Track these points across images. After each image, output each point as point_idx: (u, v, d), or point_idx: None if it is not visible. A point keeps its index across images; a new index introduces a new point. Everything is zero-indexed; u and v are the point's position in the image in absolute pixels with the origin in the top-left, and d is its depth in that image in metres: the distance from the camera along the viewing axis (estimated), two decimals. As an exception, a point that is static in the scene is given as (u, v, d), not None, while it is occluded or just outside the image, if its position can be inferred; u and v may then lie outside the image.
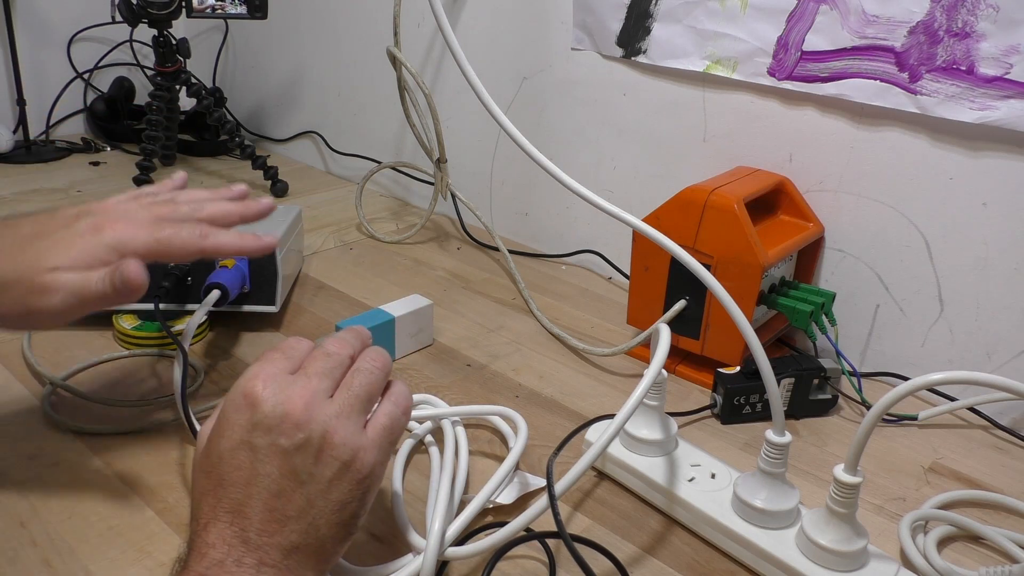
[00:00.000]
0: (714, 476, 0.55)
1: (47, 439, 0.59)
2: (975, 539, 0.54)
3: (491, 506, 0.54)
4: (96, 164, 1.25)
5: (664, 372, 0.55)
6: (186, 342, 0.63)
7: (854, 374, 0.69)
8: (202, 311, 0.67)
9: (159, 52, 1.14)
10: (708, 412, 0.68)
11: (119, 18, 1.12)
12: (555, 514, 0.46)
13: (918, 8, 0.65)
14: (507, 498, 0.54)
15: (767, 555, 0.49)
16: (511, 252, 0.95)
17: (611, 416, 0.50)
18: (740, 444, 0.64)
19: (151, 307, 0.66)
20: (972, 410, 0.68)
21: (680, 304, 0.71)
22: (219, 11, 1.12)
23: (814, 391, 0.67)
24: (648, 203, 0.76)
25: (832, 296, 0.71)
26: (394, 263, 0.95)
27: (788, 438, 0.50)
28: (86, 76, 1.38)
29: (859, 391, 0.68)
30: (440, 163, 0.96)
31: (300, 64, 1.30)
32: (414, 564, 0.46)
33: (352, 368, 0.44)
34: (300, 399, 0.40)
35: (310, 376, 0.42)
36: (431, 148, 0.96)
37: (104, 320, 0.74)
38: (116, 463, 0.57)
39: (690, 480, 0.55)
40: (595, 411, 0.66)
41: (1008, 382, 0.40)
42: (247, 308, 0.74)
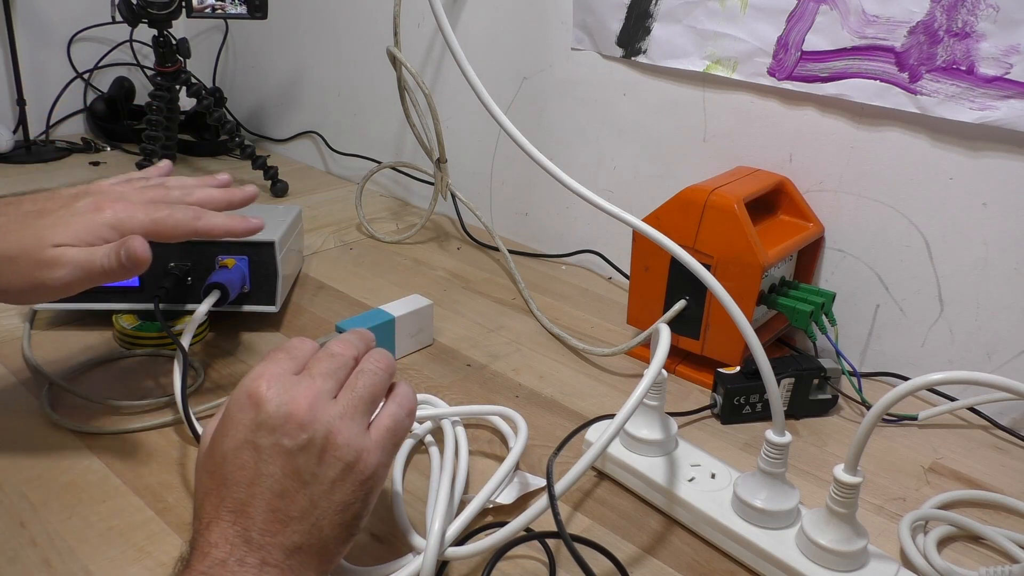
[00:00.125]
0: (714, 476, 0.55)
1: (47, 439, 0.59)
2: (975, 539, 0.54)
3: (491, 506, 0.54)
4: (96, 164, 1.25)
5: (664, 372, 0.55)
6: (186, 342, 0.63)
7: (854, 374, 0.69)
8: (202, 311, 0.67)
9: (159, 52, 1.14)
10: (708, 412, 0.68)
11: (119, 18, 1.12)
12: (555, 514, 0.46)
13: (918, 8, 0.65)
14: (507, 498, 0.54)
15: (767, 555, 0.49)
16: (511, 252, 0.95)
17: (611, 416, 0.50)
18: (740, 444, 0.64)
19: (151, 307, 0.66)
20: (972, 410, 0.68)
21: (680, 304, 0.71)
22: (219, 11, 1.12)
23: (814, 391, 0.67)
24: (648, 203, 0.76)
25: (832, 296, 0.71)
26: (394, 263, 0.95)
27: (788, 438, 0.50)
28: (86, 76, 1.38)
29: (859, 391, 0.68)
30: (440, 163, 0.96)
31: (300, 64, 1.30)
32: (414, 564, 0.46)
33: (356, 369, 0.45)
34: (304, 400, 0.40)
35: (314, 377, 0.42)
36: (431, 148, 0.96)
37: (104, 320, 0.74)
38: (116, 463, 0.57)
39: (690, 480, 0.55)
40: (595, 411, 0.66)
41: (1008, 382, 0.40)
42: (247, 308, 0.74)
